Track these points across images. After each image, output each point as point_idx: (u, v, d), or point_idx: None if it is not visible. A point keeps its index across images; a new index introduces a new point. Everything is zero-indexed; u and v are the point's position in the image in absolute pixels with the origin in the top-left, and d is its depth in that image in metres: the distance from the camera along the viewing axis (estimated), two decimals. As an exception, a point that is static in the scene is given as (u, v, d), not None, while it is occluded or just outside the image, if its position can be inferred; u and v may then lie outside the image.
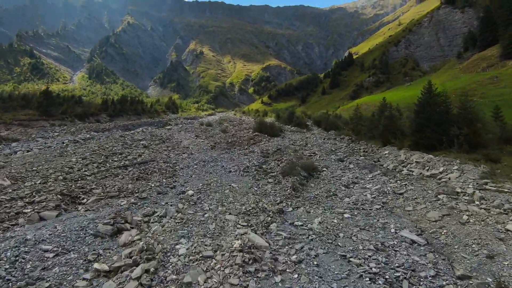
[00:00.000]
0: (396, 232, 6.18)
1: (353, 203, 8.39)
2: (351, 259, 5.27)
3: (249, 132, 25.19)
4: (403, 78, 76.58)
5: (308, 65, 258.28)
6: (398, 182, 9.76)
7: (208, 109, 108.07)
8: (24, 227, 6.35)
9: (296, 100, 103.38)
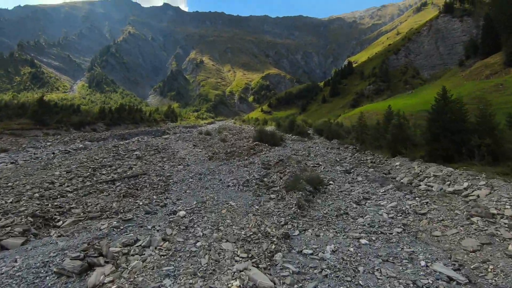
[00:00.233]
0: (427, 266, 5.09)
1: (369, 225, 7.31)
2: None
3: (249, 141, 24.21)
4: (404, 86, 76.24)
5: (307, 74, 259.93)
6: (417, 199, 8.69)
7: (208, 117, 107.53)
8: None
9: (296, 108, 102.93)
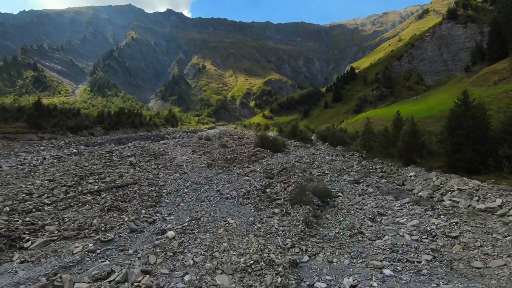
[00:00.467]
0: (475, 312, 4.02)
1: (391, 249, 6.21)
2: None
3: (250, 147, 23.18)
4: (407, 92, 75.38)
5: (309, 80, 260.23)
6: (442, 217, 7.59)
7: (209, 122, 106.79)
8: None
9: (298, 113, 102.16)
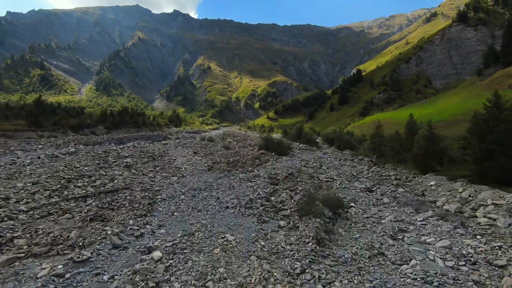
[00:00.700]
0: None
1: (422, 280, 5.12)
2: None
3: (254, 150, 22.16)
4: (415, 96, 73.72)
5: (314, 82, 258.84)
6: (479, 238, 6.46)
7: (213, 123, 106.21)
8: None
9: (303, 116, 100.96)
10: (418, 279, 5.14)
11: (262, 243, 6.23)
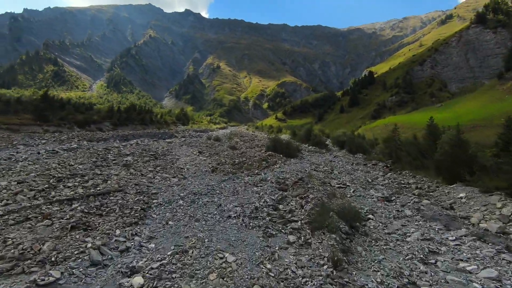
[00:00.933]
0: None
1: (472, 326, 4.00)
2: None
3: (261, 151, 21.12)
4: (429, 99, 71.26)
5: (324, 83, 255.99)
6: (536, 269, 5.29)
7: (221, 122, 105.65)
8: None
9: (312, 117, 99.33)
10: (467, 325, 4.03)
11: (268, 266, 5.20)
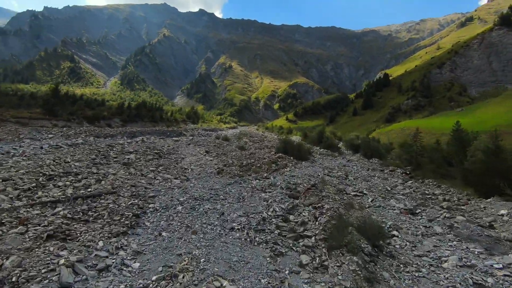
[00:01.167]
0: None
1: None
2: None
3: (271, 153, 20.10)
4: (448, 103, 68.27)
5: (336, 85, 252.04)
6: None
7: (231, 122, 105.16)
8: None
9: (323, 119, 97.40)
10: None
11: (277, 299, 4.16)
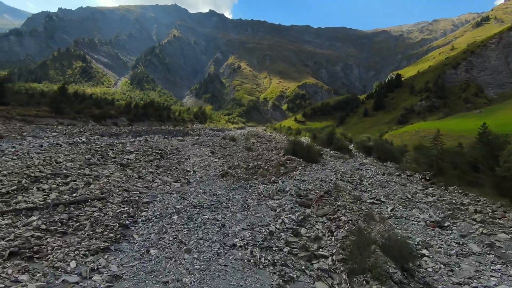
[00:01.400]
0: None
1: None
2: None
3: (279, 154, 19.05)
4: (464, 105, 65.63)
5: (346, 86, 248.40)
6: None
7: (239, 122, 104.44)
8: None
9: (332, 120, 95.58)
10: None
11: None
